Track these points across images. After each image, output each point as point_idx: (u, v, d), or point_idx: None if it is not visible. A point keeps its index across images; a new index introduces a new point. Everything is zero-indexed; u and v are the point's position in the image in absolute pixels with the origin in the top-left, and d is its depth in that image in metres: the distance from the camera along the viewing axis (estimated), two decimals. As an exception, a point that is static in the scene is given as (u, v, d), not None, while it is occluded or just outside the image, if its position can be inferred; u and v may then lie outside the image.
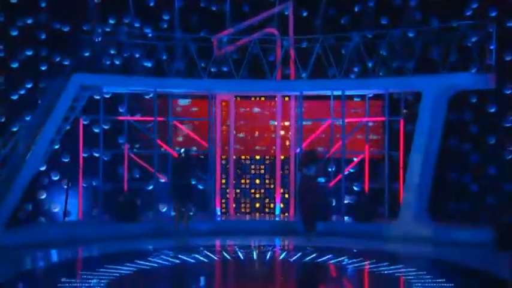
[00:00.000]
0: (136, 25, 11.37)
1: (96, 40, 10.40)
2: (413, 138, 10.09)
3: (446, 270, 7.37)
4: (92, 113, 10.69)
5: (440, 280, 6.65)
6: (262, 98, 12.05)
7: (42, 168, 10.38)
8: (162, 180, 10.91)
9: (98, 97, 10.58)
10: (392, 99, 10.97)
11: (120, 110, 11.13)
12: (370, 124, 11.34)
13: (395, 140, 10.76)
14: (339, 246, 8.83)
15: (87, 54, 10.44)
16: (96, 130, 10.81)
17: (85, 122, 10.78)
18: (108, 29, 11.00)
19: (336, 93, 10.97)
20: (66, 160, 10.69)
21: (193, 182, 9.88)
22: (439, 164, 10.27)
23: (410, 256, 8.40)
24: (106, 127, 10.90)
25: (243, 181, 11.87)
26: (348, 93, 10.99)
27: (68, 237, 9.34)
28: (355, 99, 11.63)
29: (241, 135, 11.62)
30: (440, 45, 10.14)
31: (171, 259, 7.79)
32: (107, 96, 10.94)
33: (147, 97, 11.31)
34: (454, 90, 10.19)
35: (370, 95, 11.27)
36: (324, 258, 7.89)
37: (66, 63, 10.67)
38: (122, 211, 10.34)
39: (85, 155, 10.77)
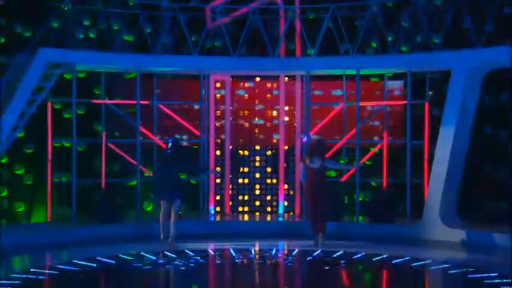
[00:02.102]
0: (115, -9, 11.12)
1: (66, 8, 10.09)
2: (440, 125, 9.84)
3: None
4: (62, 95, 10.32)
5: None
6: (263, 79, 11.80)
7: (3, 160, 10.08)
8: (147, 175, 10.66)
9: (69, 76, 10.21)
10: (415, 79, 10.59)
11: (97, 92, 10.83)
12: (390, 108, 11.01)
13: (419, 127, 10.39)
14: (352, 251, 8.62)
15: (55, 25, 10.11)
16: (68, 115, 10.46)
17: (54, 106, 10.43)
18: (80, -5, 10.78)
19: (349, 72, 10.67)
20: (31, 151, 10.42)
21: (182, 177, 9.57)
22: (470, 155, 10.01)
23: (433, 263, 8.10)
24: (80, 112, 10.59)
25: (241, 180, 11.70)
26: (363, 72, 10.65)
27: (34, 243, 9.02)
28: (372, 79, 11.29)
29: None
30: (474, 14, 9.82)
31: (154, 265, 7.65)
32: (81, 75, 10.62)
33: (128, 77, 10.99)
34: (490, 67, 9.84)
35: (390, 75, 10.91)
36: (334, 265, 7.72)
37: (30, 35, 10.34)
38: (99, 211, 10.12)
39: (55, 145, 10.39)
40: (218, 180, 11.54)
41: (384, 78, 10.80)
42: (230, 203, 11.55)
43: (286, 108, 11.52)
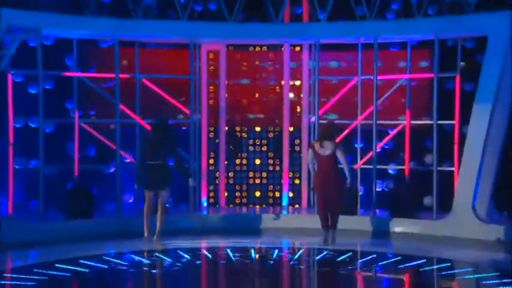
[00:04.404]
0: None
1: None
2: (474, 102, 9.58)
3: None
4: (26, 67, 10.08)
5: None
6: (264, 48, 11.72)
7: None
8: (128, 160, 10.56)
9: (34, 44, 9.93)
10: (444, 47, 10.43)
11: (68, 63, 10.63)
12: (414, 83, 10.87)
13: (448, 105, 10.18)
14: (368, 249, 8.62)
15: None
16: (33, 90, 10.25)
17: (16, 79, 10.20)
18: None
19: (365, 40, 10.45)
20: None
21: (170, 163, 9.46)
22: (510, 137, 9.68)
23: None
24: (48, 86, 10.34)
25: (238, 161, 11.64)
26: (382, 40, 10.42)
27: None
28: (392, 48, 11.14)
29: None
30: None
31: (138, 268, 7.59)
32: (48, 43, 10.34)
33: (105, 46, 10.76)
34: (536, 33, 9.63)
35: (414, 43, 10.69)
36: (348, 267, 7.67)
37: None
38: (71, 203, 9.98)
39: (17, 125, 10.23)
40: (212, 168, 11.44)
41: (407, 47, 10.55)
42: (226, 194, 11.47)
43: (292, 83, 11.45)
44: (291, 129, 11.39)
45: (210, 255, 8.23)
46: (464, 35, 10.04)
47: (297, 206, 11.30)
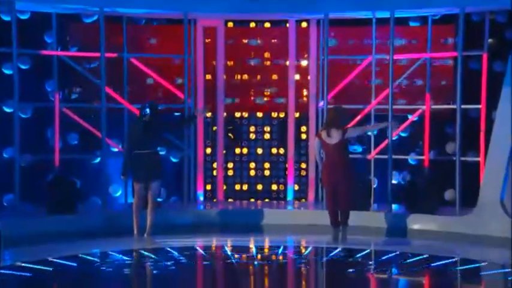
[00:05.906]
0: None
1: None
2: (503, 84, 9.43)
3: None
4: None
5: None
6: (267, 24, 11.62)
7: None
8: (115, 150, 10.52)
9: (8, 18, 9.82)
10: (470, 23, 10.31)
11: (47, 40, 10.54)
12: (435, 63, 10.75)
13: (474, 87, 10.10)
14: (382, 248, 8.59)
15: None
16: (8, 71, 10.12)
17: None
18: None
19: (380, 15, 10.33)
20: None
21: (161, 152, 9.46)
22: None
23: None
24: (24, 67, 10.28)
25: (237, 151, 11.62)
26: (399, 15, 10.26)
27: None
28: (411, 23, 11.02)
29: None
30: None
31: (126, 269, 7.64)
32: (24, 17, 10.28)
33: (88, 21, 10.68)
34: None
35: (436, 17, 10.56)
36: (360, 267, 7.53)
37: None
38: (52, 197, 9.91)
39: None
40: (208, 158, 11.37)
41: (427, 22, 10.46)
42: (224, 187, 11.45)
43: (298, 63, 11.40)
44: (297, 115, 11.35)
45: (205, 254, 8.17)
46: (492, 7, 9.87)
47: (303, 200, 11.28)
